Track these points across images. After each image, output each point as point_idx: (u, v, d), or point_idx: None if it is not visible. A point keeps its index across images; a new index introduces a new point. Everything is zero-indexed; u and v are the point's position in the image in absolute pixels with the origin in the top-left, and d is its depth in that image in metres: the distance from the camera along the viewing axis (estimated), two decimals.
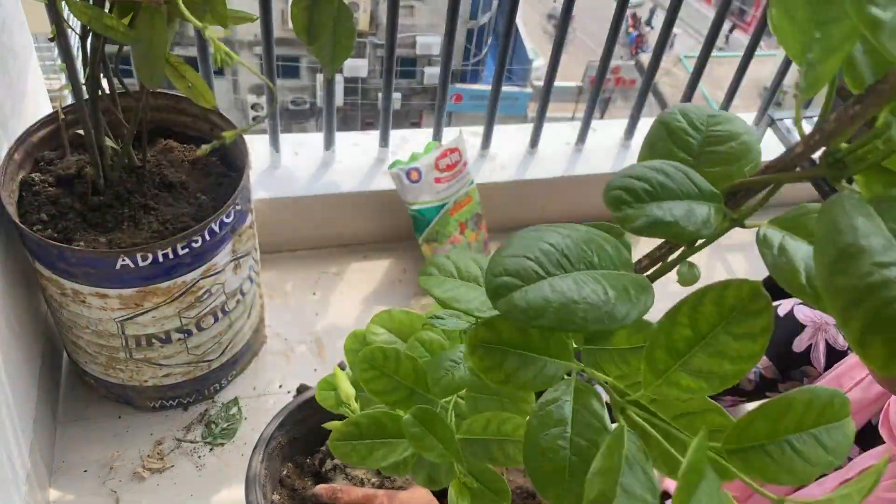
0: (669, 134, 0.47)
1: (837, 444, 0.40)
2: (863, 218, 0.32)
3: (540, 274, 0.42)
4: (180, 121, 1.16)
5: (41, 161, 1.07)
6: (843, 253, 0.32)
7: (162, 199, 1.05)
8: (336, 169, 1.47)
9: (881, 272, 0.31)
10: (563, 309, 0.41)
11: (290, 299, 1.43)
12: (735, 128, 0.47)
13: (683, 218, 0.40)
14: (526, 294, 0.41)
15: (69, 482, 1.14)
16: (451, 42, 1.36)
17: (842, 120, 0.35)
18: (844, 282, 0.32)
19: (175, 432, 1.21)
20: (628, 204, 0.40)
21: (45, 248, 0.95)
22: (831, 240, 0.33)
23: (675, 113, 0.48)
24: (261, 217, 1.35)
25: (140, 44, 0.80)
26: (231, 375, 1.26)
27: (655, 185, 0.40)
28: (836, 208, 0.34)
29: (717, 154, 0.46)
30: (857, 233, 0.32)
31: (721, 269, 1.63)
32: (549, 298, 0.41)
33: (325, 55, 0.65)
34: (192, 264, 1.01)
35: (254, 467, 0.92)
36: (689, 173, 0.41)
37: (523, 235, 0.43)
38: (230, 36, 11.42)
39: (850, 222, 0.32)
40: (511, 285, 0.42)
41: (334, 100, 1.38)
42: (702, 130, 0.47)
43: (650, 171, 0.40)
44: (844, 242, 0.32)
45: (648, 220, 0.40)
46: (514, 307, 0.41)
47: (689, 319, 0.41)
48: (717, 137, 0.47)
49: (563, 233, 0.44)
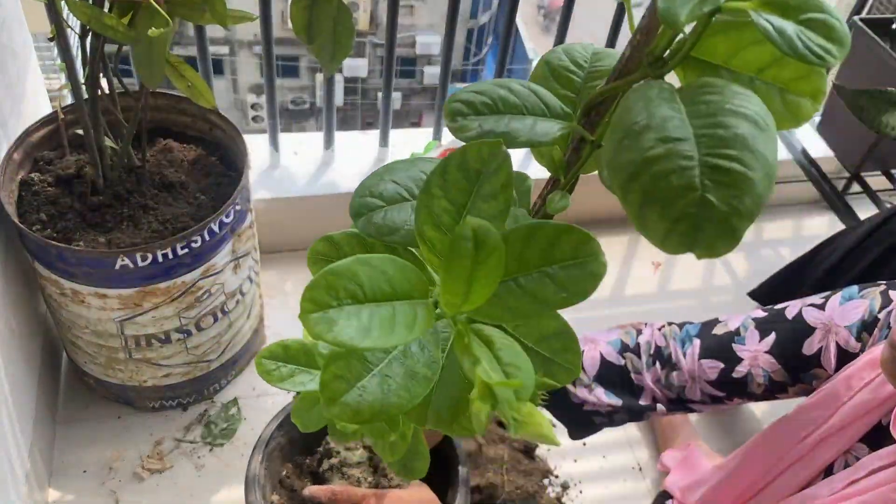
0: (551, 72, 0.47)
1: (574, 281, 0.38)
2: (661, 101, 0.32)
3: (404, 196, 0.43)
4: (180, 120, 1.16)
5: (41, 161, 1.07)
6: (629, 130, 0.32)
7: (161, 199, 1.05)
8: (336, 169, 1.47)
9: (663, 146, 0.30)
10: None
11: (290, 299, 1.42)
12: (615, 62, 0.47)
13: (520, 129, 0.40)
14: (386, 214, 0.43)
15: (68, 482, 1.14)
16: (450, 41, 1.36)
17: (651, 14, 0.35)
18: (627, 156, 0.31)
19: (174, 433, 1.20)
20: (464, 115, 0.40)
21: (45, 248, 0.95)
22: (622, 120, 0.33)
23: (557, 52, 0.48)
24: (260, 217, 1.35)
25: (140, 43, 0.80)
26: (231, 376, 1.26)
27: (496, 99, 0.40)
28: (636, 94, 0.33)
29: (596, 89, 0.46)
30: (649, 112, 0.32)
31: (721, 269, 1.63)
32: (406, 219, 0.43)
33: (325, 54, 0.65)
34: (191, 264, 1.00)
35: (253, 468, 0.92)
36: (539, 92, 0.41)
37: (397, 163, 0.45)
38: (230, 35, 11.43)
39: (646, 104, 0.32)
40: (373, 205, 0.43)
41: (334, 99, 1.38)
42: (585, 67, 0.47)
43: (495, 87, 0.40)
44: (632, 121, 0.32)
45: (481, 131, 0.40)
46: (372, 224, 0.43)
47: (441, 190, 0.40)
48: (600, 72, 0.46)
49: (440, 163, 0.44)
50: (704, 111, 0.32)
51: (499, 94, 0.40)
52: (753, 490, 0.87)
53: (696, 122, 0.31)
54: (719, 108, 0.32)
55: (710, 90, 0.33)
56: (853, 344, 0.87)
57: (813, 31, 0.33)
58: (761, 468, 0.87)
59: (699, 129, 0.31)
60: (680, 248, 0.30)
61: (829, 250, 1.19)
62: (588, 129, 0.42)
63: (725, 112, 0.31)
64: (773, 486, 0.85)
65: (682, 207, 0.30)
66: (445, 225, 0.40)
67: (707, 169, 0.30)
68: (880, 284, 0.89)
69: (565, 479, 1.22)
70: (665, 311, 1.51)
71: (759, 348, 0.94)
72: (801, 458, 0.83)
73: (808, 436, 0.82)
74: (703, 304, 1.55)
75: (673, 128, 0.31)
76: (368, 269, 0.38)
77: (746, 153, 0.30)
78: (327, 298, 0.36)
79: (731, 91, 0.33)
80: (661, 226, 0.30)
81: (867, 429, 0.79)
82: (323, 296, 0.36)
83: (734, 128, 0.31)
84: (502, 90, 0.40)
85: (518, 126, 0.40)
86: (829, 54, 0.33)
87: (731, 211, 0.29)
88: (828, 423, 0.81)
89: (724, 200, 0.29)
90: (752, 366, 0.94)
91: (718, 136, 0.30)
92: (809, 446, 0.82)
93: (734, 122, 0.31)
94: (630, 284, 1.56)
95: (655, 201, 0.30)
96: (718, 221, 0.29)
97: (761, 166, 0.30)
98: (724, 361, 0.96)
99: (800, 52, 0.33)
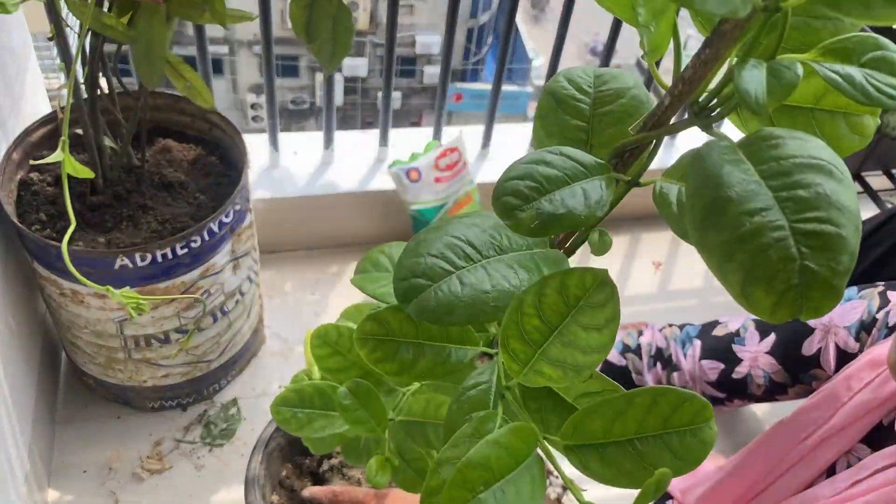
0: (558, 104, 0.45)
1: (688, 449, 0.39)
2: (729, 165, 0.31)
3: (447, 269, 0.41)
4: (179, 120, 1.16)
5: (40, 160, 1.07)
6: (711, 207, 0.31)
7: (161, 199, 1.05)
8: (335, 168, 1.47)
9: (751, 220, 0.30)
10: (474, 301, 0.41)
11: (290, 299, 1.42)
12: (623, 84, 0.45)
13: (576, 204, 0.38)
14: (436, 294, 0.41)
15: (68, 483, 1.13)
16: (450, 41, 1.36)
17: (696, 66, 0.35)
18: (716, 237, 0.31)
19: (174, 433, 1.20)
20: (518, 208, 0.38)
21: (44, 248, 0.95)
22: (699, 195, 0.32)
23: (560, 81, 0.46)
24: (260, 217, 1.35)
25: (139, 43, 0.80)
26: (230, 376, 1.26)
27: (539, 179, 0.38)
28: (702, 159, 0.33)
29: (609, 115, 0.45)
30: (722, 183, 0.31)
31: None
32: (458, 294, 0.41)
33: (324, 54, 0.65)
34: (190, 264, 1.00)
35: (253, 468, 0.92)
36: (570, 153, 0.40)
37: (426, 234, 0.43)
38: (230, 35, 11.42)
39: (716, 172, 0.31)
40: (419, 286, 0.41)
41: (334, 99, 1.38)
42: (590, 93, 0.46)
43: (531, 165, 0.39)
44: (711, 196, 0.31)
45: (542, 218, 0.38)
46: (425, 309, 0.41)
47: (535, 309, 0.40)
48: (607, 97, 0.45)
49: (469, 222, 0.43)
50: (777, 169, 0.31)
51: (540, 173, 0.38)
52: (754, 491, 0.87)
53: (771, 183, 0.31)
54: (792, 164, 0.31)
55: (773, 142, 0.32)
56: (852, 344, 0.88)
57: (879, 72, 0.33)
58: (762, 469, 0.87)
59: (778, 192, 0.30)
60: (788, 317, 0.30)
61: None
62: (621, 171, 0.41)
63: (800, 168, 0.31)
64: (774, 487, 0.85)
65: (785, 280, 0.29)
66: (533, 340, 0.40)
67: (800, 236, 0.29)
68: (879, 285, 0.89)
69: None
70: (665, 311, 1.51)
71: (759, 349, 0.94)
72: (801, 458, 0.83)
73: (808, 437, 0.82)
74: (704, 304, 1.55)
75: (754, 197, 0.30)
76: (493, 448, 0.38)
77: (833, 211, 0.30)
78: (466, 494, 0.36)
79: (796, 142, 0.32)
80: (769, 301, 0.30)
81: (868, 429, 0.79)
82: (462, 493, 0.36)
83: (815, 186, 0.30)
84: (540, 167, 0.39)
85: (572, 202, 0.38)
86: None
87: (832, 274, 0.29)
88: (828, 424, 0.81)
89: (824, 264, 0.29)
90: (752, 366, 0.94)
91: (800, 197, 0.30)
92: (810, 447, 0.82)
93: (811, 178, 0.30)
94: (630, 284, 1.56)
95: (758, 279, 0.30)
96: (822, 286, 0.29)
97: (849, 221, 0.30)
98: (724, 362, 0.96)
99: (874, 98, 0.33)
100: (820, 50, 0.34)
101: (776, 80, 0.31)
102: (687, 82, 0.35)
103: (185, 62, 0.92)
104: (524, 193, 0.38)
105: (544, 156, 0.39)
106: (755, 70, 0.32)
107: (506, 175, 0.38)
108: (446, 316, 0.41)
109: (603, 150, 0.43)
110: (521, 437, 0.39)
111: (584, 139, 0.45)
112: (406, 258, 0.42)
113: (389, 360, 0.47)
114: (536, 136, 0.46)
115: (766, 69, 0.32)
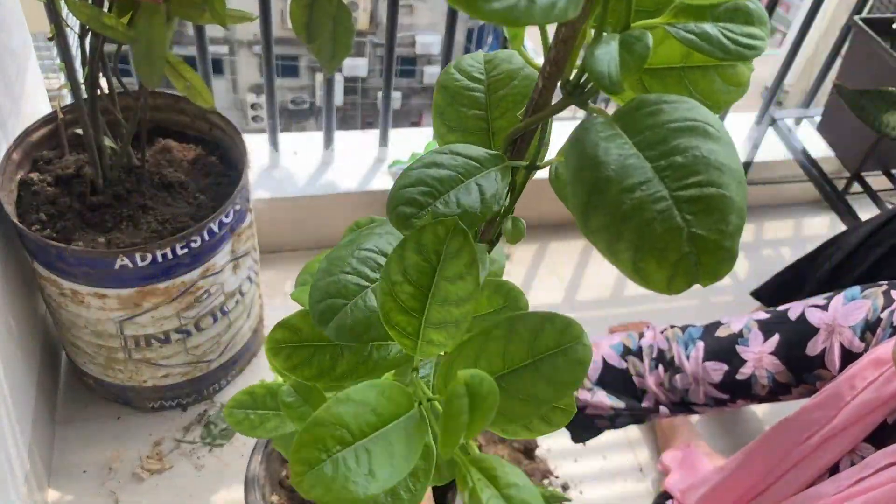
0: (453, 97, 0.44)
1: (561, 371, 0.37)
2: (605, 142, 0.31)
3: (362, 284, 0.40)
4: (179, 120, 1.16)
5: (40, 161, 1.07)
6: (592, 190, 0.30)
7: (161, 199, 1.05)
8: (335, 168, 1.47)
9: (631, 197, 0.29)
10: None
11: (290, 299, 1.42)
12: (513, 65, 0.44)
13: (471, 202, 0.37)
14: (352, 311, 0.40)
15: (68, 483, 1.13)
16: (450, 41, 1.36)
17: (558, 46, 0.34)
18: (600, 220, 0.30)
19: (174, 433, 1.20)
20: (414, 216, 0.36)
21: (44, 248, 0.95)
22: (579, 179, 0.31)
23: (451, 73, 0.44)
24: (260, 217, 1.35)
25: (139, 43, 0.79)
26: (230, 376, 1.25)
27: (432, 182, 0.37)
28: (579, 140, 0.32)
29: (504, 99, 0.43)
30: (600, 163, 0.30)
31: None
32: (375, 308, 0.40)
33: (325, 54, 0.65)
34: (190, 264, 1.00)
35: (253, 468, 0.92)
36: (461, 150, 0.38)
37: (338, 251, 0.42)
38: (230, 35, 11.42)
39: (593, 152, 0.31)
40: (335, 306, 0.40)
41: (334, 99, 1.38)
42: (483, 80, 0.44)
43: (422, 170, 0.38)
44: (591, 179, 0.30)
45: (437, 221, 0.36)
46: (343, 328, 0.39)
47: (402, 276, 0.38)
48: (500, 80, 0.44)
49: (381, 231, 0.42)
50: (653, 138, 0.30)
51: (432, 176, 0.37)
52: (755, 491, 0.87)
53: (649, 153, 0.30)
54: (666, 130, 0.30)
55: (647, 110, 0.31)
56: (857, 344, 0.88)
57: (733, 23, 0.32)
58: (762, 469, 0.87)
59: (657, 162, 0.30)
60: (685, 287, 0.30)
61: (832, 250, 1.19)
62: (518, 157, 0.40)
63: (675, 133, 0.30)
64: (776, 487, 0.85)
65: (675, 251, 0.29)
66: (413, 309, 0.39)
67: (683, 203, 0.29)
68: (882, 285, 0.89)
69: (565, 479, 1.22)
70: (665, 311, 1.51)
71: (763, 349, 0.94)
72: (804, 458, 0.83)
73: (811, 436, 0.82)
74: (704, 304, 1.55)
75: (633, 172, 0.29)
76: (351, 406, 0.36)
77: (713, 172, 0.29)
78: (317, 454, 0.34)
79: (669, 106, 0.31)
80: (663, 274, 0.29)
81: (871, 428, 0.79)
82: (312, 453, 0.34)
83: (691, 150, 0.29)
84: (432, 170, 0.37)
85: (467, 200, 0.37)
86: (758, 39, 0.32)
87: (721, 236, 0.29)
88: (831, 424, 0.81)
89: (712, 227, 0.29)
90: (757, 367, 0.94)
91: (678, 164, 0.29)
92: (812, 447, 0.82)
93: (686, 141, 0.30)
94: (630, 284, 1.56)
95: (648, 255, 0.29)
96: (714, 250, 0.29)
97: (731, 179, 0.29)
98: (728, 363, 0.96)
99: (733, 52, 0.32)
100: (673, 11, 0.33)
101: (629, 53, 0.30)
102: (553, 63, 0.34)
103: (185, 62, 0.92)
104: (418, 200, 0.37)
105: (435, 158, 0.38)
106: (607, 46, 0.31)
107: (398, 184, 0.37)
108: (365, 332, 0.40)
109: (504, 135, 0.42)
110: (388, 394, 0.37)
111: (485, 128, 0.43)
112: (320, 279, 0.41)
113: (306, 365, 0.46)
114: (438, 133, 0.44)
115: (619, 42, 0.31)
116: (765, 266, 1.63)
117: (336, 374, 0.46)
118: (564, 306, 1.46)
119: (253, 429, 0.60)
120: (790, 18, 7.94)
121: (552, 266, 1.54)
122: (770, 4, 1.44)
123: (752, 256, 1.66)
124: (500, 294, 0.46)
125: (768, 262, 1.65)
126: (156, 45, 0.79)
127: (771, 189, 1.72)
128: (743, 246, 1.69)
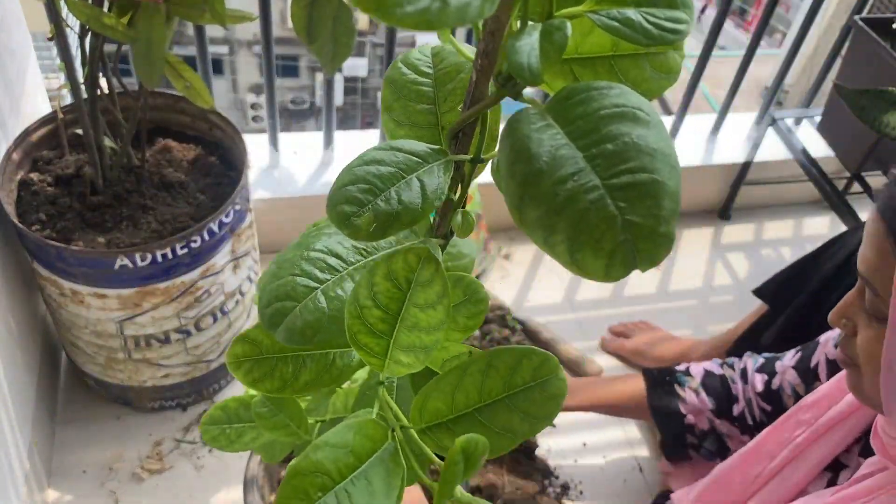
0: (400, 92, 0.43)
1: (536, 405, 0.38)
2: (537, 134, 0.31)
3: (311, 286, 0.40)
4: (179, 120, 1.16)
5: (40, 161, 1.07)
6: (525, 183, 0.30)
7: (161, 199, 1.05)
8: (336, 168, 1.47)
9: (564, 188, 0.29)
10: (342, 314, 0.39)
11: None
12: (460, 58, 0.43)
13: (412, 198, 0.37)
14: (301, 314, 0.39)
15: (68, 483, 1.13)
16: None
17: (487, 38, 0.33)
18: (535, 212, 0.30)
19: (174, 433, 1.20)
20: (354, 215, 0.36)
21: (44, 248, 0.95)
22: (512, 173, 0.31)
23: (398, 67, 0.44)
24: (260, 217, 1.35)
25: (139, 43, 0.79)
26: (230, 376, 1.25)
27: (372, 180, 0.36)
28: (511, 133, 0.31)
29: (453, 92, 0.43)
30: (531, 155, 0.30)
31: (721, 269, 1.63)
32: (325, 309, 0.39)
33: (325, 54, 0.65)
34: (190, 264, 1.00)
35: (252, 468, 0.92)
36: (401, 146, 0.38)
37: (287, 253, 0.41)
38: (229, 35, 11.42)
39: (525, 144, 0.30)
40: (284, 309, 0.39)
41: (334, 99, 1.38)
42: (430, 73, 0.43)
43: (363, 167, 0.37)
44: (523, 172, 0.30)
45: (379, 220, 0.36)
46: (293, 331, 0.39)
47: (372, 301, 0.38)
48: (447, 73, 0.43)
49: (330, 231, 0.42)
50: (584, 127, 0.30)
51: (372, 174, 0.36)
52: (745, 495, 0.89)
53: (580, 143, 0.30)
54: (596, 118, 0.30)
55: (577, 98, 0.31)
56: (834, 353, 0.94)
57: (656, 7, 0.32)
58: (753, 471, 0.89)
59: (588, 151, 0.29)
60: (624, 274, 0.29)
61: (835, 248, 1.20)
62: (462, 151, 0.40)
63: (605, 121, 0.30)
64: (767, 489, 0.87)
65: (611, 240, 0.29)
66: (381, 332, 0.38)
67: (616, 192, 0.28)
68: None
69: (565, 479, 1.22)
70: (665, 311, 1.51)
71: (786, 364, 1.01)
72: (793, 458, 0.84)
73: (799, 435, 0.85)
74: (703, 304, 1.55)
75: (565, 163, 0.29)
76: (330, 451, 0.36)
77: (644, 158, 0.29)
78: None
79: (598, 93, 0.31)
80: (600, 263, 0.29)
81: (855, 437, 0.81)
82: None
83: (622, 137, 0.29)
84: (372, 167, 0.37)
85: (408, 196, 0.36)
86: (682, 22, 0.32)
87: (656, 221, 0.28)
88: (817, 423, 0.83)
89: (646, 213, 0.28)
90: (782, 380, 1.00)
91: (609, 151, 0.29)
92: (801, 446, 0.84)
93: (616, 128, 0.29)
94: (630, 284, 1.56)
95: (583, 245, 0.29)
96: (649, 235, 0.28)
97: (663, 163, 0.29)
98: (768, 374, 1.03)
99: (657, 38, 0.31)
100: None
101: (549, 43, 0.30)
102: (484, 55, 0.34)
103: (185, 62, 0.92)
104: (358, 199, 0.36)
105: (375, 154, 0.38)
106: (529, 38, 0.30)
107: (337, 183, 0.36)
108: (315, 335, 0.39)
109: None
110: (363, 432, 0.38)
111: (434, 122, 0.43)
112: (269, 283, 0.40)
113: (268, 378, 0.45)
114: (387, 129, 0.44)
115: (540, 32, 0.30)
116: (765, 266, 1.63)
117: (299, 385, 0.45)
118: (564, 306, 1.46)
119: (230, 443, 0.59)
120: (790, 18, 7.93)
121: (552, 266, 1.54)
122: (770, 4, 1.44)
123: (752, 256, 1.66)
124: (459, 287, 0.46)
125: (768, 262, 1.65)
126: (155, 45, 0.79)
127: (771, 189, 1.72)
128: (743, 246, 1.69)
